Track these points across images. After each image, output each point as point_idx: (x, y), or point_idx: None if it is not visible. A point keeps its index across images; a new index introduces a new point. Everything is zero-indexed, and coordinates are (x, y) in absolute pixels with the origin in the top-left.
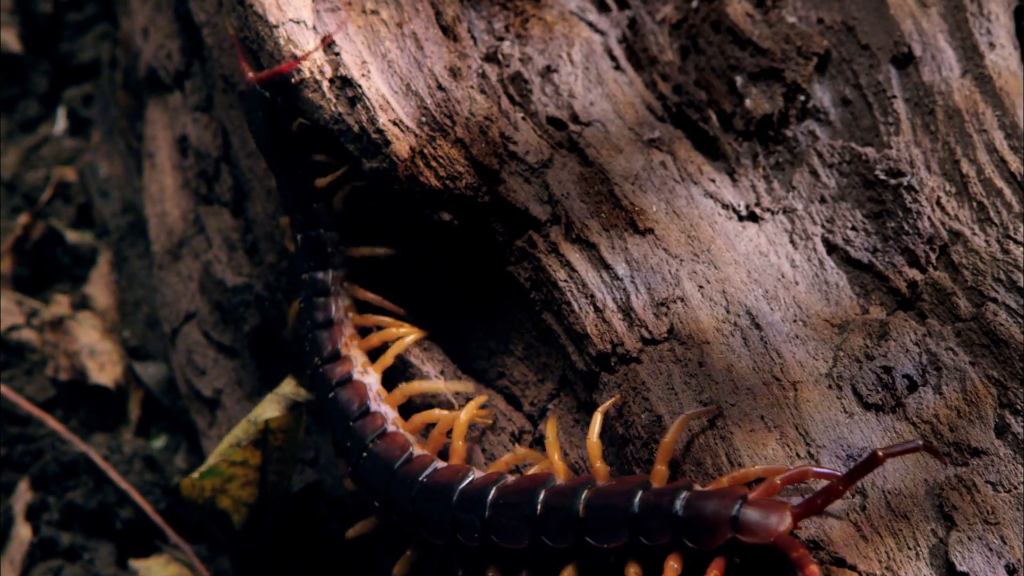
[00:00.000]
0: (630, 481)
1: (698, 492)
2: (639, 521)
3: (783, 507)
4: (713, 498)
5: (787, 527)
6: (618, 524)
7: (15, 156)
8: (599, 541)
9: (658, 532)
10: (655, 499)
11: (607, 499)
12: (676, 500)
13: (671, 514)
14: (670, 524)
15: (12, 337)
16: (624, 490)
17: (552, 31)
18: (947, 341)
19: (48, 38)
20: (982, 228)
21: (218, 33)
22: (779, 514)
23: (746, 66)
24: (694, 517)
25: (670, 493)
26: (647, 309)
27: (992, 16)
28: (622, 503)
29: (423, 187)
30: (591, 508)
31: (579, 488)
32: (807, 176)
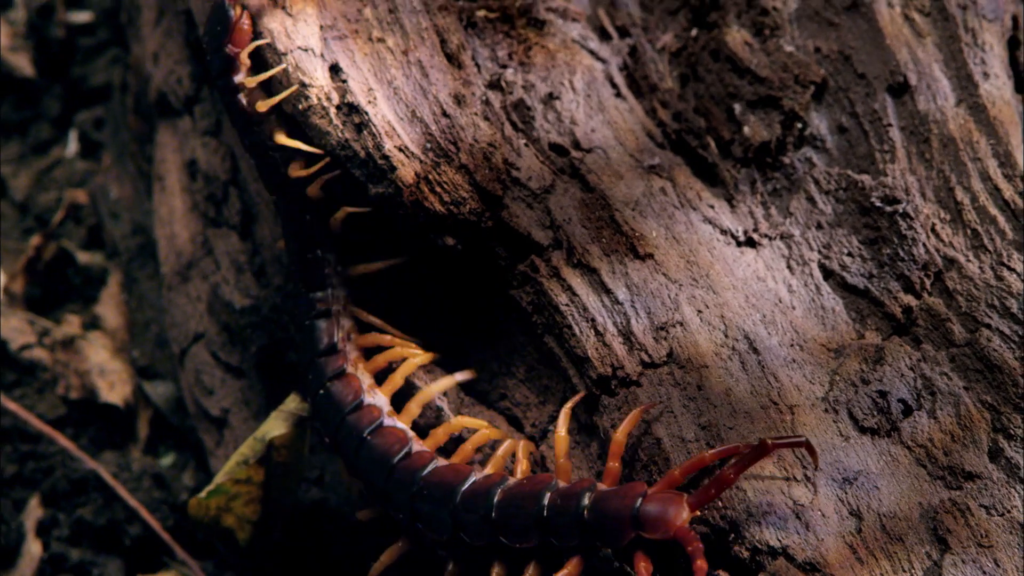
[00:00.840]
0: (540, 481)
1: (601, 492)
2: (547, 522)
3: (679, 499)
4: (614, 497)
5: (685, 519)
6: (527, 526)
7: (28, 178)
8: (511, 541)
9: (567, 534)
10: (562, 501)
11: (517, 500)
12: (581, 501)
13: (577, 516)
14: (577, 526)
15: (24, 356)
16: (533, 491)
17: (555, 59)
18: (941, 366)
19: (60, 62)
20: (976, 255)
21: None
22: (677, 507)
23: (744, 94)
24: (599, 518)
25: (575, 495)
26: (647, 333)
27: (986, 46)
28: (531, 505)
29: (428, 212)
30: (500, 508)
31: (493, 487)
32: (804, 202)
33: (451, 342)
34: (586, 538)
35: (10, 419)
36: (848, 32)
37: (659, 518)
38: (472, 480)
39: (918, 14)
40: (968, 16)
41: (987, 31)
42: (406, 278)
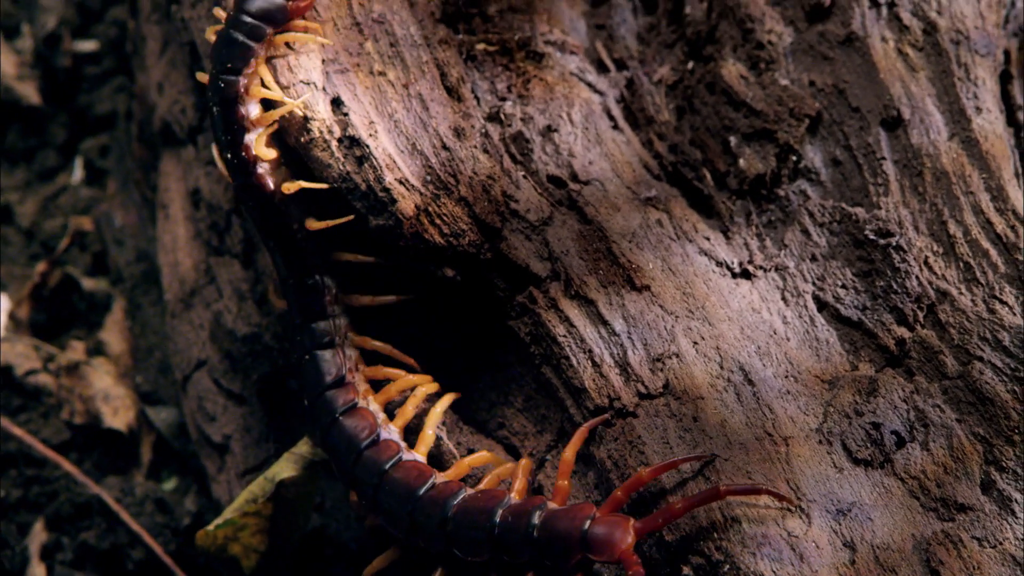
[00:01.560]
0: (493, 496)
1: (551, 511)
2: (499, 539)
3: (626, 523)
4: (564, 518)
5: (629, 544)
6: (480, 540)
7: (34, 205)
8: (464, 554)
9: (518, 552)
10: (513, 519)
11: (472, 514)
12: (532, 520)
13: (528, 534)
14: (527, 544)
15: (29, 381)
16: (486, 507)
17: (553, 91)
18: (934, 398)
19: (66, 91)
20: (969, 288)
21: None
22: (623, 531)
23: (740, 127)
24: (548, 537)
25: (526, 514)
26: (643, 364)
27: (979, 81)
28: (483, 520)
29: (427, 244)
30: (455, 520)
31: (450, 497)
32: (799, 235)
33: (449, 372)
34: (536, 556)
35: (15, 444)
36: (842, 66)
37: (606, 541)
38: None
39: (912, 49)
40: (961, 51)
41: (980, 66)
42: (405, 307)
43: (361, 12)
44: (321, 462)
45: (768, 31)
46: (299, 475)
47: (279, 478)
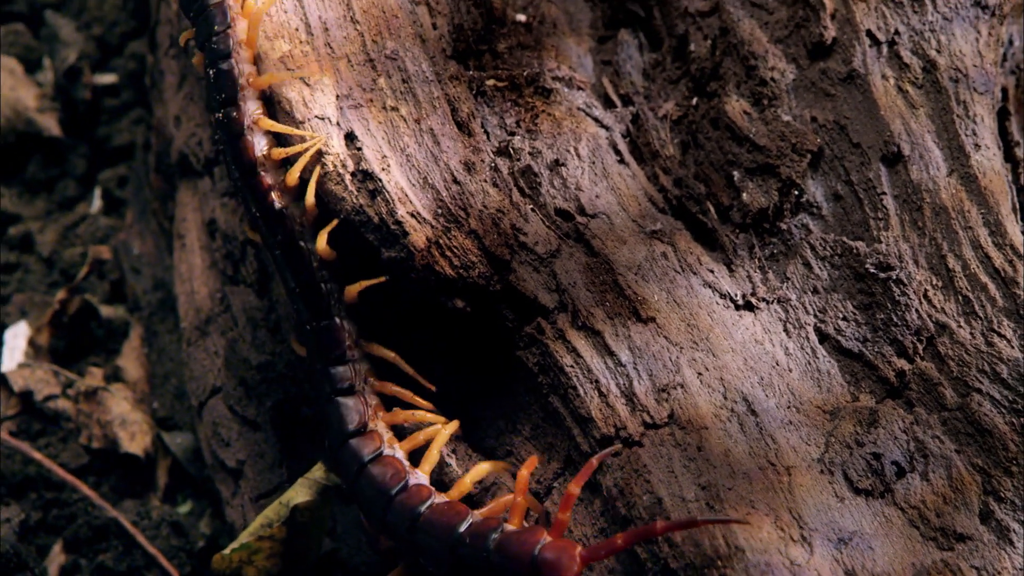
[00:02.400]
0: (457, 512)
1: (506, 533)
2: (459, 556)
3: (573, 550)
4: (517, 541)
5: (576, 571)
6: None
7: (54, 234)
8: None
9: (475, 570)
10: (471, 539)
11: (434, 524)
12: (488, 540)
13: (485, 554)
14: (484, 564)
15: (48, 406)
16: (449, 523)
17: (560, 126)
18: (934, 429)
19: (86, 123)
20: (967, 321)
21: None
22: (570, 557)
23: (743, 161)
24: (503, 559)
25: (483, 535)
26: (649, 395)
27: (977, 118)
28: (446, 535)
29: (438, 276)
30: (421, 528)
31: (419, 504)
32: (801, 268)
33: (459, 400)
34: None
35: (35, 467)
36: (844, 103)
37: (554, 566)
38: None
39: (911, 86)
40: (960, 89)
41: (978, 103)
42: (416, 337)
43: (374, 48)
44: (334, 487)
45: (771, 68)
46: (313, 500)
47: (294, 503)
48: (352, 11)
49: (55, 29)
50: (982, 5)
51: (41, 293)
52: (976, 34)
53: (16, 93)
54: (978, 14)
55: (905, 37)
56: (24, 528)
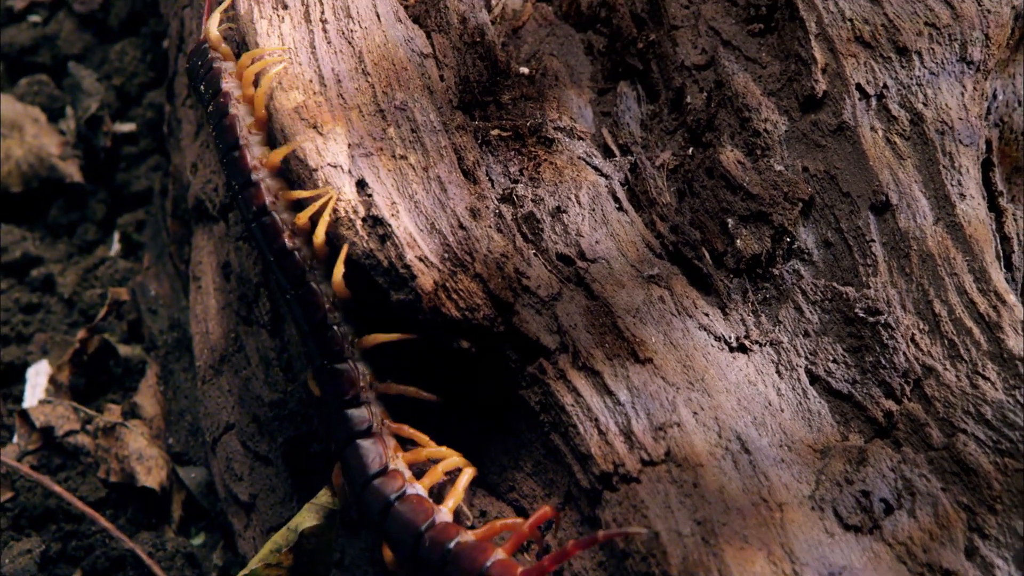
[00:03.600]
0: (423, 510)
1: (463, 544)
2: (418, 554)
3: (515, 571)
4: (469, 555)
5: None
6: (405, 545)
7: (74, 276)
8: (393, 550)
9: (428, 570)
10: (430, 543)
11: (403, 520)
12: (446, 546)
13: (440, 559)
14: (437, 567)
15: (68, 441)
16: (414, 520)
17: (562, 174)
18: (921, 468)
19: (106, 169)
20: (953, 364)
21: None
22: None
23: (737, 209)
24: (454, 568)
25: (442, 542)
26: (646, 433)
27: (962, 169)
28: (408, 532)
29: (444, 317)
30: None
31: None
32: (792, 312)
33: (463, 437)
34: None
35: (55, 500)
36: (834, 153)
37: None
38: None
39: (899, 138)
40: (946, 140)
41: (963, 155)
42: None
43: (384, 100)
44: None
45: (764, 120)
46: (320, 524)
47: (301, 528)
48: (363, 64)
49: (77, 80)
50: (967, 60)
51: (62, 333)
52: (961, 88)
53: (40, 141)
54: (963, 69)
55: (893, 91)
56: (44, 559)
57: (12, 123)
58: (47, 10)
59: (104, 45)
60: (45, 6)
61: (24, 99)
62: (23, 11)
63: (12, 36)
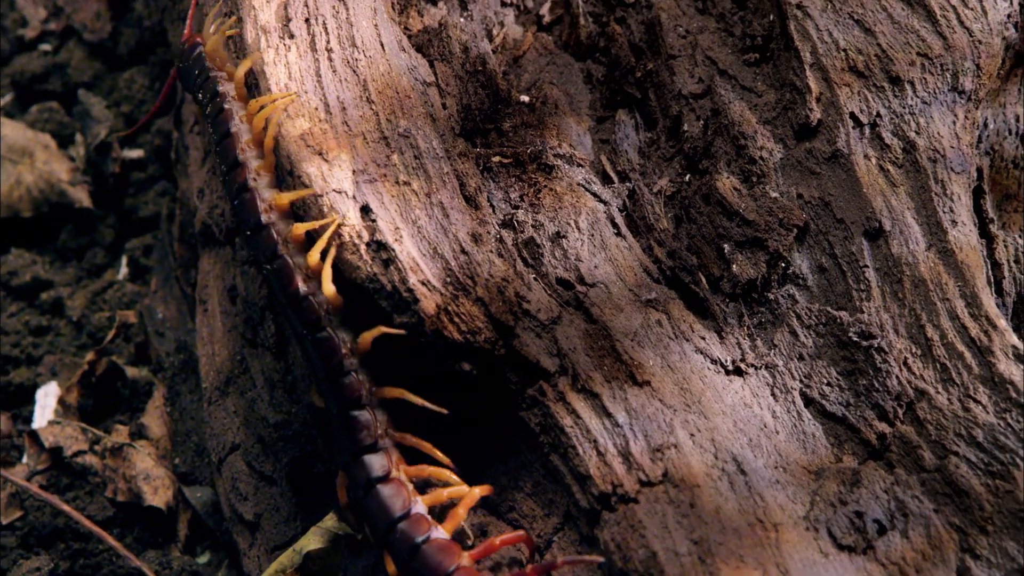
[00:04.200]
0: (399, 500)
1: (433, 542)
2: (388, 541)
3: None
4: (437, 555)
5: None
6: (377, 531)
7: (83, 299)
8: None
9: (397, 558)
10: (401, 535)
11: (379, 504)
12: (415, 541)
13: (408, 552)
14: (404, 559)
15: (77, 461)
16: (389, 508)
17: (561, 200)
18: (913, 490)
19: (115, 195)
20: (945, 388)
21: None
22: None
23: (733, 235)
24: (420, 565)
25: (412, 537)
26: (644, 454)
27: (954, 196)
28: (382, 519)
29: (446, 340)
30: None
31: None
32: (787, 336)
33: (464, 457)
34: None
35: (63, 519)
36: (828, 181)
37: None
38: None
39: (892, 166)
40: (938, 168)
41: (955, 182)
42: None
43: (388, 127)
44: (345, 536)
45: (760, 147)
46: (325, 547)
47: (306, 550)
48: (368, 92)
49: (87, 107)
50: (959, 90)
51: (71, 355)
52: (953, 117)
53: (50, 166)
54: (955, 99)
55: (886, 120)
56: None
57: (23, 149)
58: (57, 39)
59: (113, 73)
60: (55, 35)
61: (35, 126)
62: (34, 40)
63: (23, 64)
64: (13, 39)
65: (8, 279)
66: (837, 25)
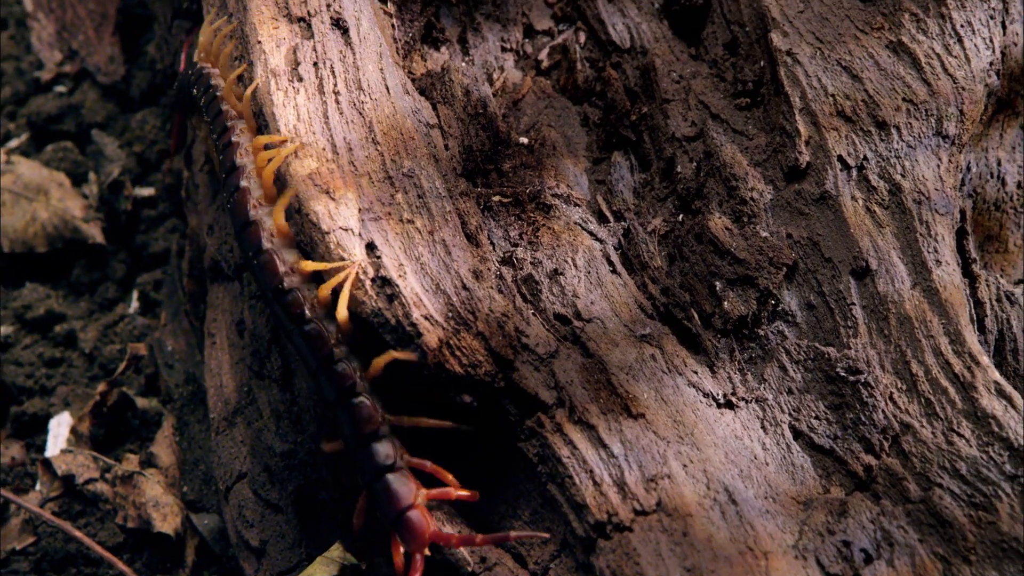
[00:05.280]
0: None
1: (399, 471)
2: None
3: (428, 528)
4: (397, 489)
5: (422, 547)
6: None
7: (95, 332)
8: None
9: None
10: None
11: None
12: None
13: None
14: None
15: (88, 489)
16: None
17: (559, 239)
18: (899, 520)
19: (127, 231)
20: (929, 421)
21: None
22: (422, 531)
23: (725, 273)
24: (382, 491)
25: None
26: (639, 484)
27: (938, 237)
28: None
29: (448, 373)
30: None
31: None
32: (777, 370)
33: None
34: (370, 494)
35: (75, 545)
36: (817, 221)
37: (409, 531)
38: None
39: (879, 207)
40: (923, 210)
41: (939, 223)
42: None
43: (393, 167)
44: (351, 566)
45: (750, 189)
46: None
47: None
48: (374, 133)
49: (101, 147)
50: (943, 135)
51: (83, 386)
52: (937, 161)
53: (64, 204)
54: (939, 143)
55: (873, 163)
56: None
57: (38, 187)
58: (72, 81)
59: (126, 114)
60: (70, 77)
61: (50, 165)
62: (49, 82)
63: (39, 105)
64: (29, 81)
65: (23, 312)
66: (826, 71)
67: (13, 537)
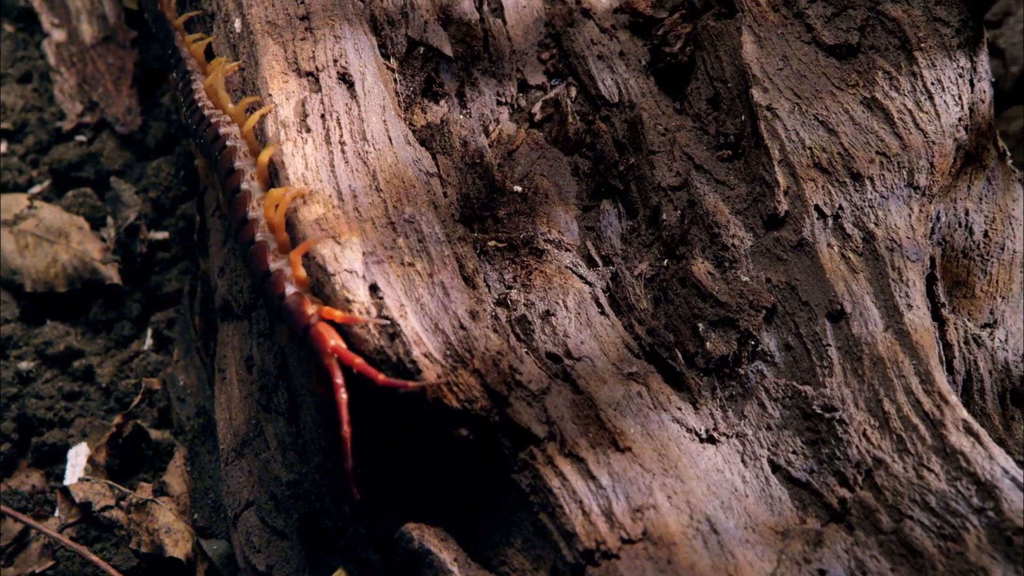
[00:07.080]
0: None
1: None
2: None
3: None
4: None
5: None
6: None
7: (111, 367)
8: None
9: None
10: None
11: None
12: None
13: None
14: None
15: (104, 516)
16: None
17: (551, 281)
18: (872, 550)
19: (142, 273)
20: (901, 457)
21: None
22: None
23: (707, 315)
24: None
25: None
26: (626, 514)
27: (910, 282)
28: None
29: (445, 408)
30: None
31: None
32: (756, 407)
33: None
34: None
35: (91, 569)
36: (794, 267)
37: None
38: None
39: (853, 254)
40: (895, 257)
41: (910, 270)
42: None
43: (395, 213)
44: None
45: (732, 236)
46: None
47: None
48: (377, 181)
49: (118, 193)
50: (914, 186)
51: (100, 418)
52: (909, 210)
53: (84, 247)
54: (911, 193)
55: (848, 212)
56: None
57: (59, 231)
58: (92, 131)
59: (142, 162)
60: (90, 127)
61: (70, 209)
62: (70, 131)
63: (60, 153)
64: (52, 131)
65: (44, 348)
66: (803, 126)
67: (33, 561)
